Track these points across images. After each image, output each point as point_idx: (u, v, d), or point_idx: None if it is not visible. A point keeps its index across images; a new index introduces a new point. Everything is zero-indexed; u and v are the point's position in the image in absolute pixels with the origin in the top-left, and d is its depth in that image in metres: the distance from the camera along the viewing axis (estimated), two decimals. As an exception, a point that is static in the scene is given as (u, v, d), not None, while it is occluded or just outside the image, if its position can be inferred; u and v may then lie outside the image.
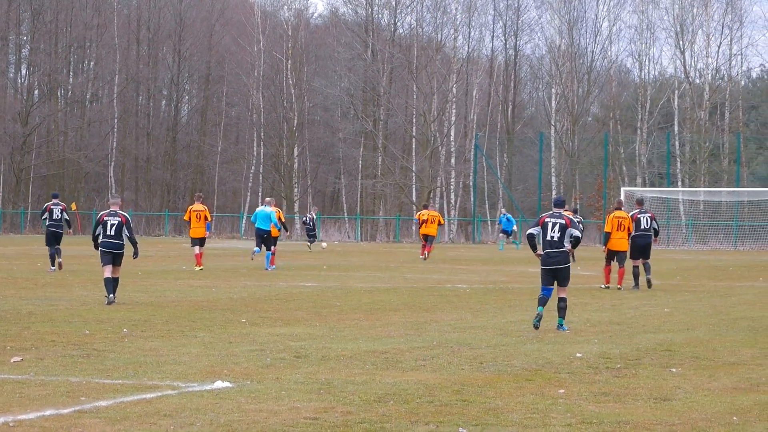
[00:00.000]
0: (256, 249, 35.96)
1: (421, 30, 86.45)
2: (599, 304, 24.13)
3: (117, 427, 9.94)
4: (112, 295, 21.91)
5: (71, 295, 24.11)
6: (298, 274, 33.37)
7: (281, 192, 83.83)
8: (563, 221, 18.51)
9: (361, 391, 11.98)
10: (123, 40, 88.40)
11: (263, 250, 35.82)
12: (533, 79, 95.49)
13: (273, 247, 35.91)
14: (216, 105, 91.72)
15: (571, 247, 18.49)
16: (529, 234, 18.83)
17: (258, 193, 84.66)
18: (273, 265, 35.48)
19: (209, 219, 35.48)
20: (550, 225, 18.51)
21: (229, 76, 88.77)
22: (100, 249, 22.41)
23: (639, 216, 29.62)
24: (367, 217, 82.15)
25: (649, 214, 29.85)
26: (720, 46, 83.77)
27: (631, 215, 29.50)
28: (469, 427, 10.20)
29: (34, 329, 17.35)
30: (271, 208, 36.61)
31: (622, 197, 61.78)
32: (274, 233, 36.30)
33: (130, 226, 22.65)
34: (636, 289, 28.39)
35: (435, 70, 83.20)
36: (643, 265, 29.22)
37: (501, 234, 60.67)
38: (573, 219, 18.86)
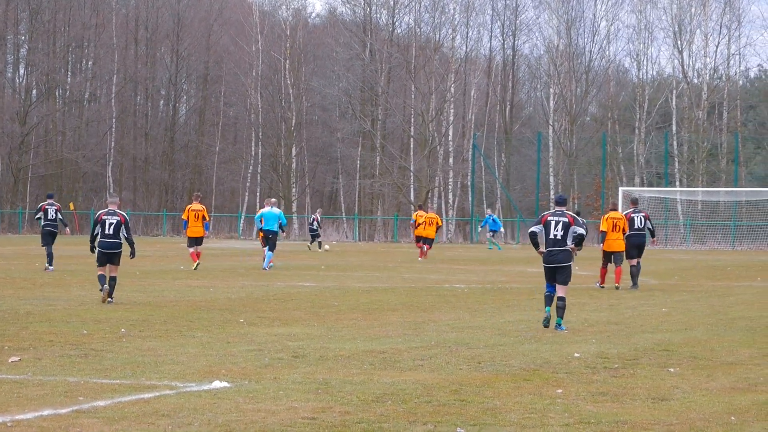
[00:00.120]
0: (268, 253, 35.79)
1: (419, 30, 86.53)
2: (597, 303, 24.14)
3: (115, 427, 9.94)
4: (109, 297, 21.97)
5: (69, 295, 24.10)
6: (296, 274, 33.36)
7: (279, 192, 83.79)
8: (566, 219, 18.52)
9: (359, 391, 11.98)
10: (121, 40, 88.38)
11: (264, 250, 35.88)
12: (531, 78, 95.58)
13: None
14: (214, 105, 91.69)
15: (575, 245, 18.51)
16: (531, 232, 18.80)
17: (256, 193, 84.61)
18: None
19: (207, 219, 35.35)
20: (553, 223, 18.53)
21: (227, 75, 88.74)
22: (97, 249, 22.41)
23: (633, 215, 29.72)
24: (365, 217, 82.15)
25: (643, 214, 29.94)
26: (718, 46, 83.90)
27: (625, 214, 29.59)
28: (467, 427, 10.20)
29: (32, 329, 17.34)
30: (277, 209, 36.69)
31: (620, 197, 61.90)
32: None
33: (128, 225, 22.64)
34: (635, 289, 28.42)
35: (433, 69, 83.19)
36: (635, 267, 29.26)
37: (489, 233, 60.33)
38: (576, 217, 18.86)
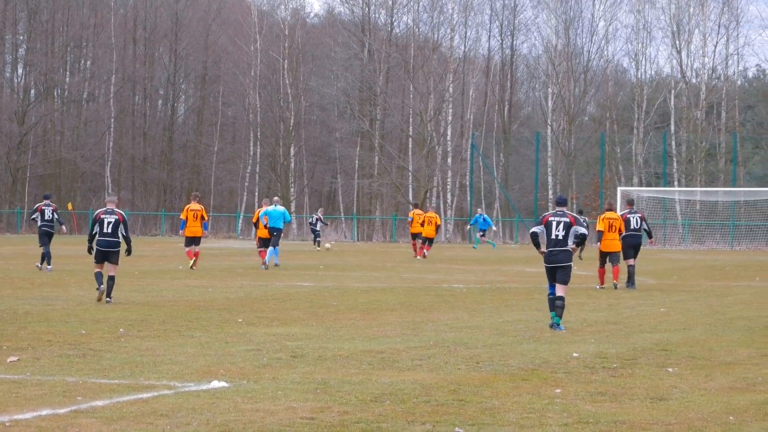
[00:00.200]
0: (272, 249, 35.90)
1: (417, 29, 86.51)
2: (596, 303, 24.14)
3: (113, 427, 9.93)
4: (108, 297, 22.00)
5: (68, 294, 24.10)
6: (295, 273, 33.36)
7: (278, 192, 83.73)
8: (567, 219, 18.60)
9: (358, 390, 11.98)
10: (119, 40, 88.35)
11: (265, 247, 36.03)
12: (530, 78, 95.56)
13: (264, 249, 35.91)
14: (212, 105, 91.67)
15: (576, 245, 18.57)
16: (533, 233, 18.87)
17: (254, 192, 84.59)
18: (266, 265, 35.46)
19: (206, 218, 35.36)
20: (555, 223, 18.61)
21: (225, 75, 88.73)
22: (95, 247, 22.41)
23: (629, 216, 29.74)
24: (363, 217, 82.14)
25: (639, 215, 29.94)
26: (716, 46, 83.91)
27: (621, 215, 29.60)
28: (466, 427, 10.20)
29: (30, 329, 17.34)
30: (281, 207, 36.85)
31: (619, 197, 61.92)
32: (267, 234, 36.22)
33: (126, 224, 22.66)
34: (633, 288, 28.43)
35: (431, 69, 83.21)
36: (628, 267, 29.28)
37: (479, 233, 59.97)
38: (578, 217, 18.95)
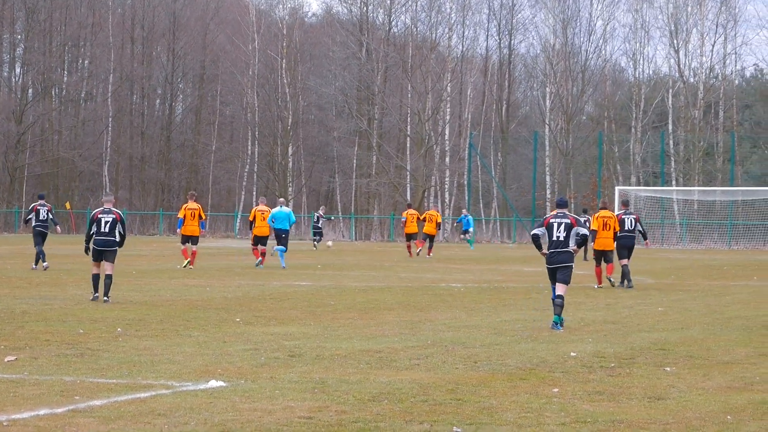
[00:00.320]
0: (281, 248, 36.00)
1: (415, 29, 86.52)
2: (594, 303, 24.14)
3: (111, 427, 9.93)
4: (105, 296, 22.01)
5: (65, 294, 24.09)
6: (293, 273, 33.35)
7: (275, 191, 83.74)
8: (568, 221, 18.73)
9: (356, 390, 11.98)
10: (117, 39, 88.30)
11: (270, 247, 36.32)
12: (527, 78, 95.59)
13: (263, 248, 35.92)
14: (210, 104, 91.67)
15: (578, 246, 18.66)
16: (534, 235, 19.02)
17: (252, 192, 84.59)
18: (263, 264, 35.50)
19: (203, 217, 35.48)
20: (556, 225, 18.73)
21: (223, 75, 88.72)
22: (93, 246, 22.41)
23: (624, 217, 29.79)
24: (361, 216, 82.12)
25: (634, 216, 29.99)
26: (714, 45, 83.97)
27: (616, 215, 29.65)
28: (464, 426, 10.20)
29: (28, 328, 17.33)
30: (287, 208, 37.09)
31: (617, 196, 61.94)
32: (267, 232, 36.28)
33: (123, 223, 22.65)
34: (630, 287, 28.46)
35: (429, 69, 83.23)
36: (622, 267, 29.28)
37: (463, 234, 59.78)
38: (578, 218, 19.05)
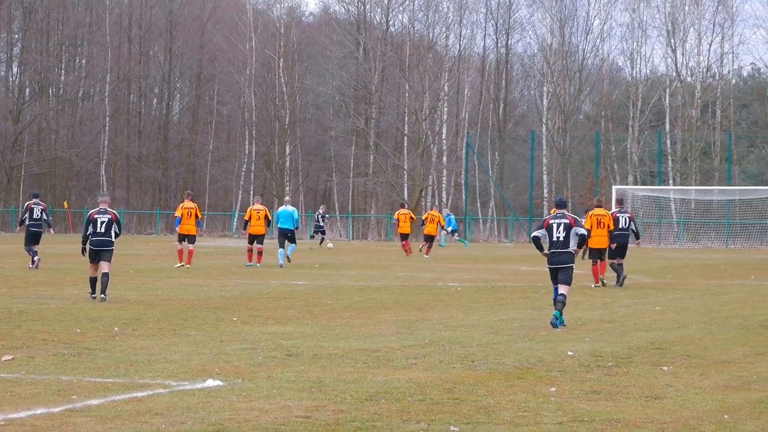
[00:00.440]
0: (281, 251, 36.14)
1: (413, 28, 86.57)
2: (591, 302, 24.14)
3: (108, 426, 9.92)
4: (102, 294, 22.02)
5: (62, 293, 24.07)
6: (290, 272, 33.34)
7: (273, 190, 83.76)
8: (567, 221, 18.82)
9: (353, 389, 11.97)
10: (114, 38, 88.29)
11: (286, 245, 36.36)
12: (525, 77, 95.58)
13: (260, 246, 35.91)
14: (207, 103, 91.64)
15: (578, 246, 18.74)
16: (534, 237, 19.18)
17: (249, 191, 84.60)
18: (259, 263, 35.51)
19: (200, 216, 35.57)
20: (555, 226, 18.84)
21: (220, 74, 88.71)
22: (89, 247, 22.41)
23: (618, 215, 29.78)
24: (358, 216, 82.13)
25: (629, 215, 29.99)
26: (711, 45, 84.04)
27: (611, 213, 29.64)
28: (461, 426, 10.19)
29: (25, 328, 17.32)
30: (292, 207, 37.33)
31: (614, 196, 61.97)
32: (262, 231, 36.22)
33: (119, 223, 22.70)
34: (624, 277, 28.66)
35: (427, 68, 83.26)
36: (617, 266, 29.28)
37: (446, 233, 59.57)
38: (577, 218, 19.09)
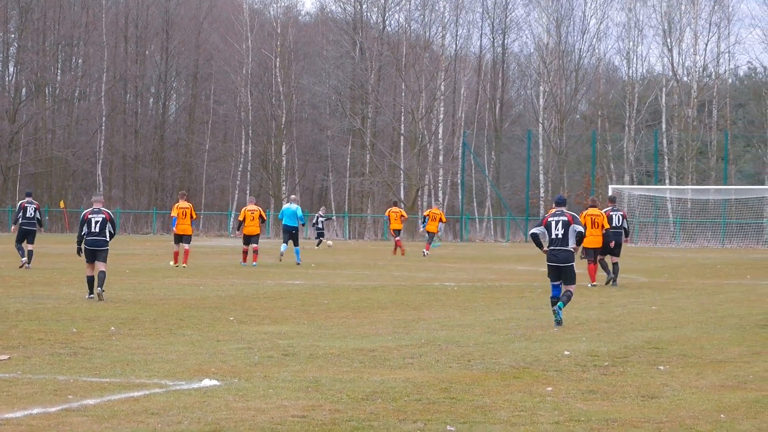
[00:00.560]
0: (284, 245, 36.42)
1: (409, 28, 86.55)
2: (587, 302, 24.14)
3: (104, 426, 9.92)
4: (98, 290, 22.03)
5: (59, 293, 24.07)
6: (286, 272, 33.35)
7: (269, 190, 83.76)
8: (565, 218, 18.91)
9: (349, 389, 11.97)
10: (111, 38, 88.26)
11: (290, 246, 36.46)
12: (521, 76, 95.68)
13: (255, 245, 35.96)
14: (204, 103, 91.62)
15: (576, 244, 18.79)
16: (533, 234, 19.20)
17: (246, 190, 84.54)
18: (255, 261, 35.58)
19: (194, 216, 35.68)
20: (554, 223, 18.93)
21: (217, 73, 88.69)
22: (84, 247, 22.44)
23: (611, 213, 29.82)
24: (355, 215, 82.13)
25: (621, 212, 30.08)
26: (708, 44, 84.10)
27: (603, 212, 29.65)
28: (457, 425, 10.20)
29: (21, 327, 17.31)
30: (296, 205, 37.51)
31: (610, 195, 62.00)
32: (256, 231, 36.22)
33: (114, 222, 22.72)
34: (610, 281, 28.77)
35: (423, 67, 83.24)
36: (613, 265, 29.31)
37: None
38: (575, 215, 19.17)
